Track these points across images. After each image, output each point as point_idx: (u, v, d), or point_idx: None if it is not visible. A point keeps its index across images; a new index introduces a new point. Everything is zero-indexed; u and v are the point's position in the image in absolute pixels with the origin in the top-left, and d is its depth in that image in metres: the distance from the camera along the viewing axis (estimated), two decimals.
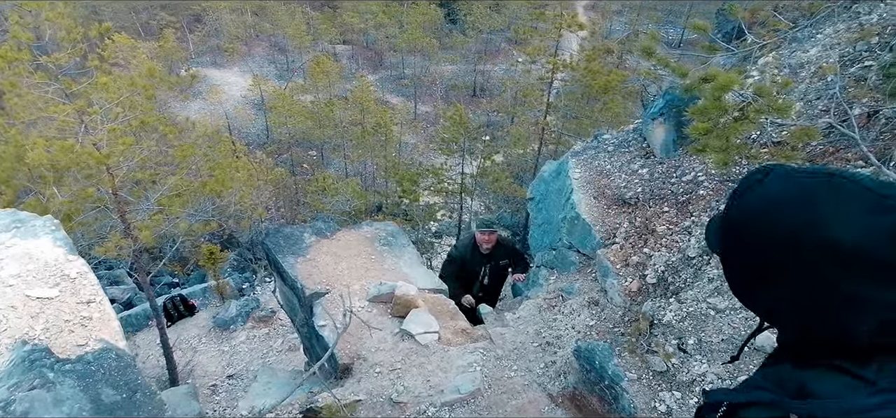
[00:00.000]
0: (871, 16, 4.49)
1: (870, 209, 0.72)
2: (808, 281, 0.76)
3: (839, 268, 0.73)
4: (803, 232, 0.75)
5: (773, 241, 0.79)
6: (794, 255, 0.77)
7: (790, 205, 0.78)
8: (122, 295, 12.05)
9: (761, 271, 0.83)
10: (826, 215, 0.74)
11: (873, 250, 0.71)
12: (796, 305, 0.81)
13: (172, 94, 24.59)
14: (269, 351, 9.07)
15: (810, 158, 3.66)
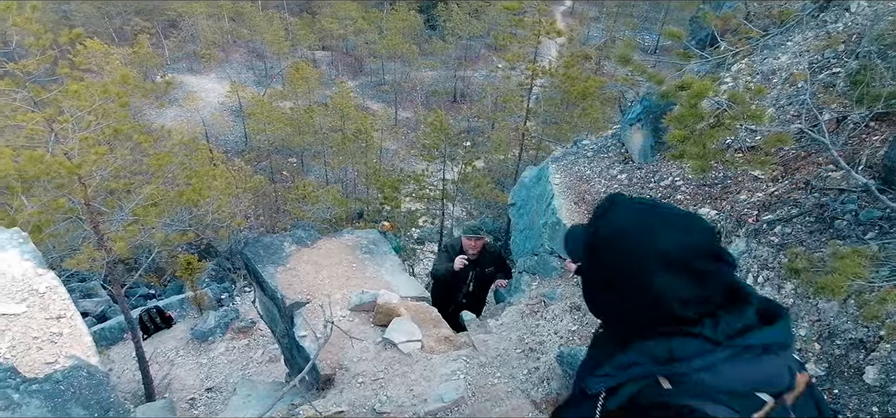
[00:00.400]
0: (837, 24, 4.63)
1: (683, 230, 1.03)
2: (645, 280, 1.01)
3: (664, 269, 0.99)
4: (642, 246, 1.02)
5: (621, 255, 1.05)
6: (635, 263, 1.02)
7: (632, 228, 1.05)
8: (96, 307, 11.74)
9: (610, 279, 1.08)
10: (657, 234, 1.02)
11: (686, 256, 0.99)
12: (632, 301, 1.05)
13: (147, 101, 24.12)
14: (248, 363, 8.91)
15: (784, 163, 3.75)
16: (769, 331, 1.01)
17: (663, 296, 1.00)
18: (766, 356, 1.00)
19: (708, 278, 1.01)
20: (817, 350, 3.16)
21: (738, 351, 0.98)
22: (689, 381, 0.98)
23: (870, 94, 3.01)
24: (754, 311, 1.04)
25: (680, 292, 1.00)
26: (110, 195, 6.26)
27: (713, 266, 1.01)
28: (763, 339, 1.00)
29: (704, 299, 1.01)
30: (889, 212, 3.17)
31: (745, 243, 3.63)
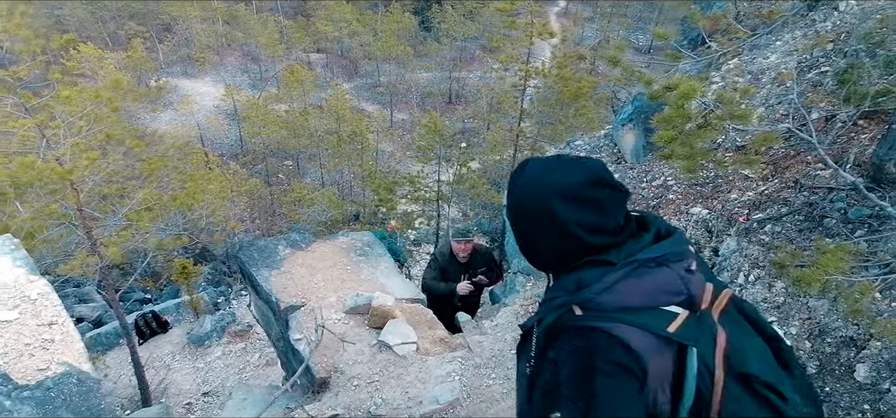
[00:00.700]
0: (826, 23, 4.66)
1: (575, 168, 1.17)
2: (551, 214, 1.14)
3: (563, 200, 1.13)
4: (544, 187, 1.16)
5: (532, 202, 1.18)
6: (541, 203, 1.16)
7: (536, 177, 1.19)
8: (92, 313, 11.69)
9: (529, 225, 1.21)
10: (553, 175, 1.16)
11: (583, 189, 1.13)
12: (553, 244, 1.18)
13: (142, 105, 24.06)
14: (245, 366, 8.89)
15: (773, 161, 3.78)
16: (658, 246, 1.12)
17: (568, 224, 1.14)
18: (659, 269, 1.09)
19: (602, 204, 1.14)
20: (808, 348, 3.18)
21: (633, 268, 1.09)
22: (593, 305, 1.08)
23: (857, 93, 3.04)
24: (652, 234, 1.17)
25: (581, 219, 1.13)
26: (103, 200, 6.24)
27: (603, 193, 1.15)
28: (652, 253, 1.10)
29: (606, 226, 1.15)
30: (878, 210, 3.20)
31: (736, 242, 3.65)
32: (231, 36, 37.69)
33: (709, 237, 4.05)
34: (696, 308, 1.11)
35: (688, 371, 1.07)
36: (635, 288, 1.07)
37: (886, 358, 2.90)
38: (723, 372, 1.08)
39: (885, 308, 2.96)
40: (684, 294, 1.09)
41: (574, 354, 1.07)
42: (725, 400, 1.07)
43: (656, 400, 1.07)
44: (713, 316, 1.13)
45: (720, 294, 1.18)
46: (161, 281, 13.44)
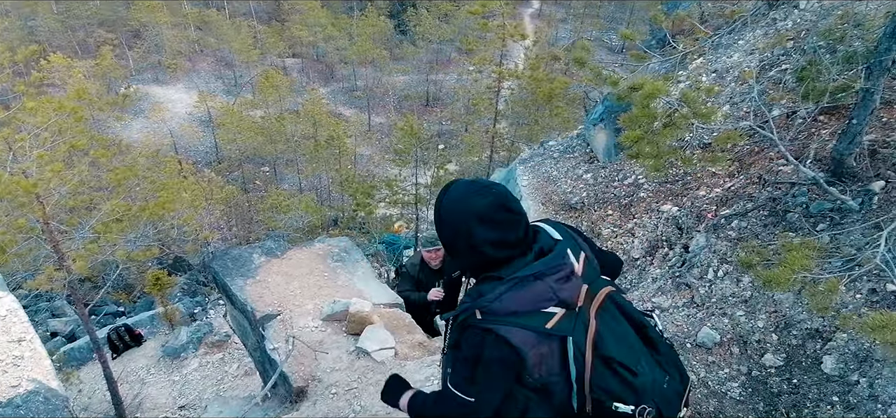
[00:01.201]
0: (786, 21, 4.80)
1: (485, 194, 1.44)
2: (468, 232, 1.44)
3: (478, 222, 1.42)
4: (464, 210, 1.45)
5: (453, 219, 1.48)
6: (462, 222, 1.45)
7: (457, 199, 1.48)
8: (65, 327, 11.37)
9: (452, 239, 1.51)
10: (471, 200, 1.44)
11: (484, 212, 1.42)
12: (466, 255, 1.50)
13: (111, 113, 23.51)
14: (223, 378, 8.74)
15: (738, 158, 3.87)
16: (535, 264, 1.44)
17: (479, 242, 1.44)
18: (534, 282, 1.42)
19: (503, 224, 1.44)
20: (775, 341, 3.26)
21: (515, 283, 1.42)
22: (488, 310, 1.41)
23: (816, 89, 3.13)
24: (534, 254, 1.47)
25: (488, 236, 1.44)
26: (71, 212, 6.08)
27: (505, 215, 1.44)
28: (530, 271, 1.43)
29: (506, 241, 1.45)
30: (839, 203, 3.29)
31: (705, 238, 3.73)
32: (203, 41, 37.10)
33: (679, 234, 4.13)
34: (571, 307, 1.45)
35: (568, 354, 1.43)
36: (518, 298, 1.41)
37: (853, 349, 2.96)
38: (591, 354, 1.43)
39: (849, 300, 3.05)
40: (555, 299, 1.43)
41: (472, 345, 1.45)
42: (593, 375, 1.43)
43: (542, 376, 1.46)
44: (590, 312, 1.46)
45: (597, 293, 1.50)
46: (134, 293, 13.14)
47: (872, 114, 2.99)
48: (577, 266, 1.50)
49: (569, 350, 1.43)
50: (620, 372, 1.43)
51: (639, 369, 1.44)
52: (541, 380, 1.46)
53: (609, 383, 1.43)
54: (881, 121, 3.51)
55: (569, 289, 1.45)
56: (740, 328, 3.40)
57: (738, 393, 3.22)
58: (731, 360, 3.36)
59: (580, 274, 1.50)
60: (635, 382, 1.43)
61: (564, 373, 1.46)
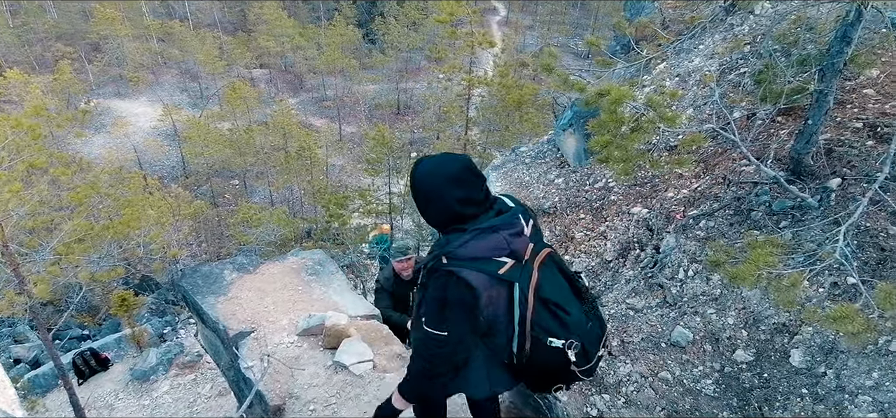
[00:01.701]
0: (743, 26, 4.97)
1: (454, 162, 1.75)
2: (441, 193, 1.74)
3: (450, 183, 1.72)
4: (438, 174, 1.75)
5: (427, 184, 1.77)
6: (436, 185, 1.75)
7: (430, 169, 1.78)
8: (28, 353, 10.90)
9: (425, 200, 1.79)
10: (445, 167, 1.75)
11: (456, 175, 1.73)
12: (439, 212, 1.78)
13: (71, 130, 22.73)
14: (196, 399, 8.51)
15: (704, 159, 3.98)
16: (495, 219, 1.75)
17: (450, 199, 1.73)
18: (493, 233, 1.72)
19: (469, 184, 1.75)
20: (745, 337, 3.35)
21: (476, 233, 1.71)
22: (453, 256, 1.70)
23: (773, 92, 3.24)
24: (495, 211, 1.79)
25: (457, 194, 1.73)
26: (30, 234, 5.85)
27: (471, 176, 1.76)
28: (488, 224, 1.73)
29: (472, 198, 1.75)
30: (799, 201, 3.42)
31: (675, 239, 3.81)
32: (167, 53, 36.28)
33: (650, 235, 4.21)
34: (520, 259, 1.74)
35: (514, 297, 1.74)
36: (478, 246, 1.70)
37: (819, 342, 3.07)
38: (534, 297, 1.73)
39: (813, 294, 3.15)
40: (507, 249, 1.71)
41: (438, 287, 1.73)
42: (534, 315, 1.75)
43: (492, 314, 1.77)
44: (533, 265, 1.76)
45: (540, 251, 1.80)
46: (99, 315, 12.69)
47: (827, 114, 3.12)
48: (527, 228, 1.81)
49: (515, 294, 1.74)
50: (556, 311, 1.76)
51: (570, 310, 1.78)
52: (487, 320, 1.79)
53: (547, 321, 1.75)
54: (835, 121, 3.66)
55: (519, 243, 1.76)
56: (711, 326, 3.49)
57: (712, 389, 3.29)
58: (705, 358, 3.44)
59: (528, 234, 1.81)
60: (567, 320, 1.76)
61: (508, 316, 1.77)
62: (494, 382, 1.93)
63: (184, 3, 41.74)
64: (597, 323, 1.86)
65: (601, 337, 1.87)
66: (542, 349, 1.76)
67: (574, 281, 1.88)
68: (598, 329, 1.86)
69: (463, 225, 1.76)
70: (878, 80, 3.80)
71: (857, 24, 2.60)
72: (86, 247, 5.88)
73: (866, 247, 3.08)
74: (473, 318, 1.76)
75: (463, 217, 1.76)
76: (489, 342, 1.85)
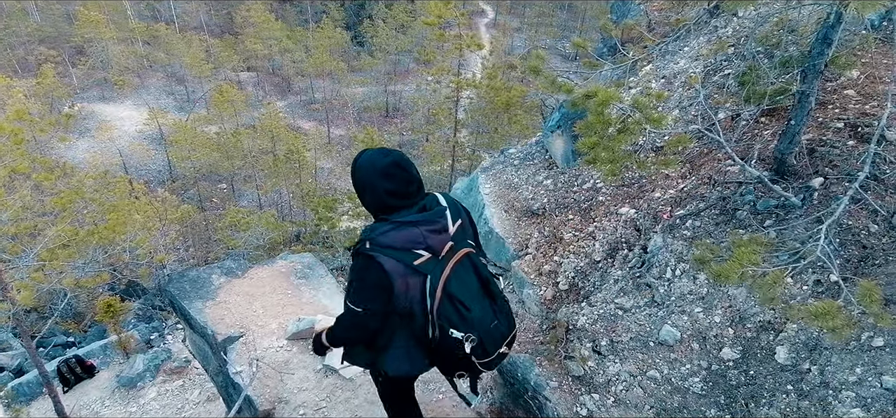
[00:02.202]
0: (726, 29, 5.05)
1: (386, 156, 1.98)
2: (374, 186, 1.97)
3: (380, 178, 1.95)
4: (371, 167, 1.98)
5: (362, 175, 2.01)
6: (369, 177, 1.99)
7: (367, 162, 2.01)
8: (11, 361, 10.74)
9: (361, 189, 2.04)
10: (376, 162, 1.98)
11: (384, 168, 1.96)
12: (370, 200, 2.03)
13: (54, 134, 22.41)
14: (184, 405, 8.43)
15: (689, 159, 4.02)
16: (417, 215, 1.97)
17: (380, 190, 1.97)
18: (411, 228, 1.93)
19: (397, 179, 1.97)
20: (731, 335, 3.39)
21: (397, 225, 1.93)
22: (375, 242, 1.91)
23: (756, 93, 3.30)
24: (418, 208, 2.00)
25: (386, 187, 1.97)
26: (13, 240, 5.76)
27: (399, 172, 1.97)
28: (410, 218, 1.94)
29: (397, 192, 1.98)
30: (783, 200, 3.47)
31: (662, 239, 3.85)
32: (152, 57, 35.93)
33: (638, 235, 4.25)
34: (436, 253, 1.96)
35: (426, 288, 1.94)
36: (397, 236, 1.91)
37: (803, 338, 3.11)
38: (441, 291, 1.93)
39: (797, 292, 3.20)
40: (424, 244, 1.93)
41: (358, 268, 1.97)
42: (440, 306, 1.95)
43: (408, 303, 1.97)
44: (449, 262, 1.96)
45: (459, 250, 2.01)
46: (85, 322, 12.52)
47: (809, 114, 3.18)
48: (451, 227, 2.03)
49: (427, 285, 1.94)
50: (458, 306, 1.96)
51: (472, 307, 1.97)
52: (406, 306, 1.99)
53: (449, 314, 1.96)
54: (817, 122, 3.73)
55: (437, 240, 1.97)
56: (699, 324, 3.52)
57: (699, 387, 3.33)
58: (692, 356, 3.47)
59: (451, 233, 2.02)
60: (467, 316, 1.96)
61: (423, 305, 1.98)
62: (414, 363, 2.14)
63: (170, 6, 41.37)
64: (504, 323, 2.08)
65: (506, 336, 2.10)
66: (445, 337, 1.97)
67: (488, 283, 2.07)
68: (504, 328, 2.08)
69: (388, 215, 1.99)
70: (859, 81, 3.88)
71: (838, 26, 2.65)
72: (70, 253, 5.81)
73: (849, 244, 3.13)
74: (389, 300, 1.96)
75: (390, 208, 1.99)
76: (411, 324, 2.05)
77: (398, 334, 2.09)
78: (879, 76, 3.87)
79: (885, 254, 2.99)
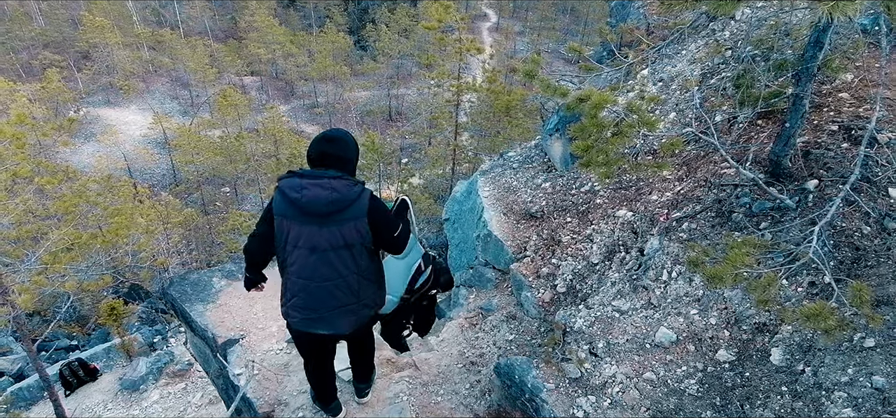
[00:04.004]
0: (724, 32, 5.07)
1: (326, 132, 2.91)
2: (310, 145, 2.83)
3: (313, 141, 2.85)
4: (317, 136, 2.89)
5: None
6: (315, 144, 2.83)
7: (314, 140, 2.85)
8: (12, 365, 10.78)
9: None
10: (322, 132, 2.93)
11: (317, 136, 2.87)
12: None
13: (58, 138, 22.57)
14: (187, 408, 8.46)
15: (686, 162, 4.04)
16: (306, 172, 2.72)
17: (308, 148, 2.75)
18: (298, 178, 2.70)
19: (316, 143, 2.73)
20: (727, 337, 3.40)
21: (293, 175, 2.70)
22: (279, 179, 2.76)
23: (751, 96, 3.31)
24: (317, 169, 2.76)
25: (309, 148, 2.73)
26: (15, 244, 5.81)
27: (321, 144, 2.71)
28: (300, 173, 2.71)
29: (310, 155, 2.73)
30: (778, 202, 3.48)
31: (659, 241, 3.87)
32: (157, 61, 36.15)
33: (635, 238, 4.27)
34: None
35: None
36: (289, 182, 2.66)
37: (798, 340, 3.12)
38: None
39: (791, 293, 3.21)
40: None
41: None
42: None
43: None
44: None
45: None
46: (89, 325, 12.58)
47: (803, 117, 3.19)
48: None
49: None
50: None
51: None
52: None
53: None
54: (812, 124, 3.74)
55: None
56: (694, 326, 3.54)
57: (695, 389, 3.34)
58: (688, 358, 3.49)
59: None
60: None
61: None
62: None
63: (174, 11, 41.65)
64: None
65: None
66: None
67: None
68: None
69: (301, 169, 2.73)
70: (853, 84, 3.89)
71: (829, 30, 2.67)
72: (73, 256, 5.86)
73: (842, 246, 3.14)
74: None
75: (309, 161, 2.75)
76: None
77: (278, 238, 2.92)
78: (872, 79, 3.89)
79: (877, 255, 3.00)
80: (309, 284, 2.85)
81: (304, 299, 2.90)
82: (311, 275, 2.82)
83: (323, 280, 2.83)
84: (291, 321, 3.01)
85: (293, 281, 2.87)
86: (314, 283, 2.85)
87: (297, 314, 2.97)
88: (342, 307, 2.96)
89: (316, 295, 2.89)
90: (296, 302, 2.91)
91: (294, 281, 2.87)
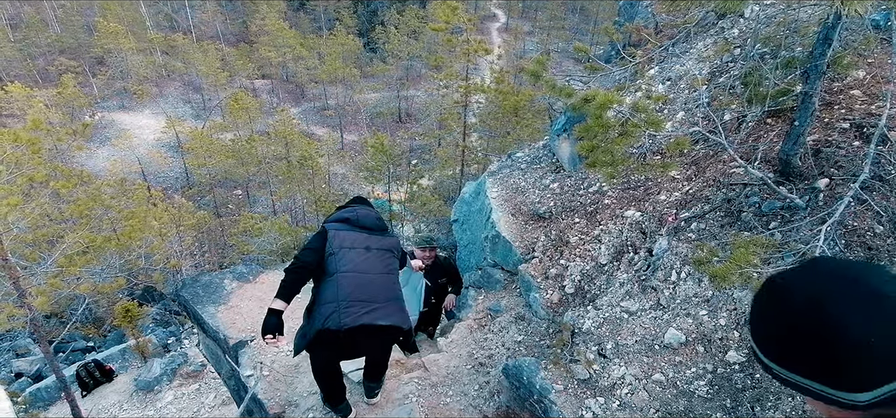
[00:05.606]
0: (733, 30, 5.02)
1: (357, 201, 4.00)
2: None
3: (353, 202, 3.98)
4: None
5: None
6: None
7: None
8: (30, 367, 10.98)
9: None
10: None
11: (349, 203, 3.99)
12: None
13: (73, 143, 22.95)
14: (200, 409, 8.55)
15: (695, 161, 4.01)
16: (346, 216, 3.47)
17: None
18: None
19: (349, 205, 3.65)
20: (736, 337, 3.37)
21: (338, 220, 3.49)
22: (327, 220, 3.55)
23: (759, 94, 3.28)
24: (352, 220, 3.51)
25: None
26: (32, 247, 5.93)
27: (357, 207, 3.54)
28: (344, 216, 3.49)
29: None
30: (788, 201, 3.44)
31: (667, 241, 3.84)
32: (170, 66, 36.64)
33: (643, 238, 4.24)
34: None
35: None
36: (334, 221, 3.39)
37: None
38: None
39: None
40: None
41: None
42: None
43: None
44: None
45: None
46: (104, 327, 12.78)
47: (813, 115, 3.15)
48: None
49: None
50: None
51: None
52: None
53: None
54: (823, 122, 3.70)
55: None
56: (704, 327, 3.51)
57: (705, 391, 3.31)
58: (697, 359, 3.46)
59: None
60: None
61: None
62: None
63: (187, 16, 42.15)
64: None
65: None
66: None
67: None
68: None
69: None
70: (865, 81, 3.83)
71: (838, 26, 2.64)
72: (88, 259, 5.96)
73: (854, 245, 3.10)
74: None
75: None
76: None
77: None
78: (885, 76, 3.83)
79: (889, 255, 2.95)
80: (364, 277, 3.19)
81: (360, 292, 3.16)
82: (367, 268, 3.19)
83: (377, 273, 3.23)
84: (343, 320, 3.08)
85: (347, 278, 3.12)
86: (370, 276, 3.21)
87: (352, 311, 3.09)
88: (396, 299, 3.35)
89: (373, 285, 3.22)
90: (350, 297, 3.11)
91: (349, 278, 3.13)
